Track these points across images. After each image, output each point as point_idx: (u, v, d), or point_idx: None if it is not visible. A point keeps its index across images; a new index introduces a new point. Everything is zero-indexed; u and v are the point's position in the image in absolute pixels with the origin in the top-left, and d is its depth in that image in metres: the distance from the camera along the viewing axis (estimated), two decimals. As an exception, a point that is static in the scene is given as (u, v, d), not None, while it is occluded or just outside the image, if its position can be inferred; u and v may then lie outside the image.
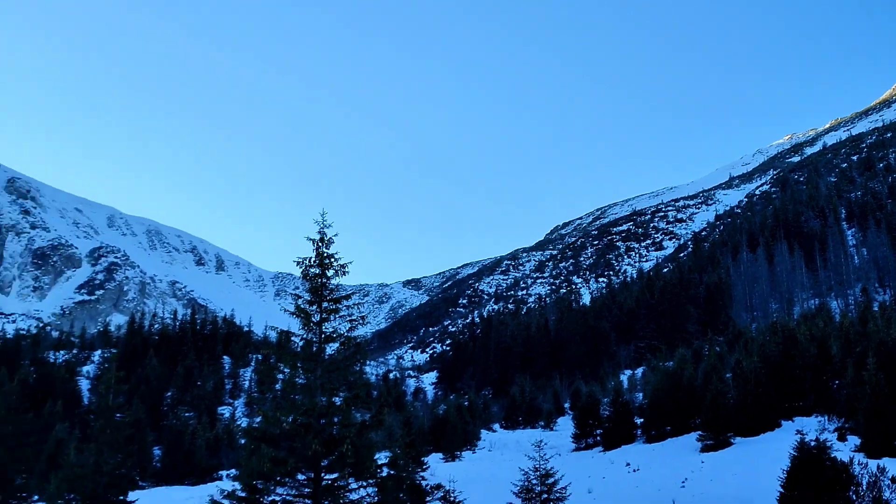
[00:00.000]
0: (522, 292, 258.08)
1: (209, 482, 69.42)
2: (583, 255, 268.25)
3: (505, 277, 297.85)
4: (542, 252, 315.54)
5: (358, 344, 25.66)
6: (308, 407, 23.85)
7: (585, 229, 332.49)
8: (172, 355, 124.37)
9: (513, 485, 23.08)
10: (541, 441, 25.17)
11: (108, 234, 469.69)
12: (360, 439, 23.66)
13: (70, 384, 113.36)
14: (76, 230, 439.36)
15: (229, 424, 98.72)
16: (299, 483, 23.63)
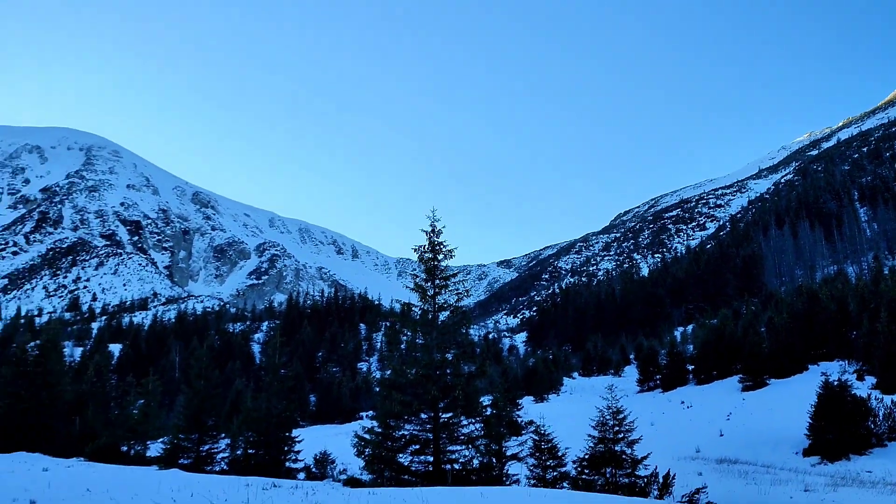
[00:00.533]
0: (593, 268, 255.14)
1: (353, 421, 70.56)
2: (641, 237, 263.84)
3: (578, 256, 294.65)
4: (608, 235, 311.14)
5: (464, 312, 25.75)
6: (427, 362, 24.07)
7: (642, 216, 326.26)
8: (321, 324, 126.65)
9: (590, 420, 22.87)
10: (611, 385, 24.87)
11: (270, 232, 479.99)
12: (469, 386, 23.78)
13: (245, 348, 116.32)
14: (245, 230, 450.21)
15: (366, 376, 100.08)
16: (422, 420, 23.88)
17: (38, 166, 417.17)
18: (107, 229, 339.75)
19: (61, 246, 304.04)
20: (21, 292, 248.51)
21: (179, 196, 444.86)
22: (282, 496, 17.66)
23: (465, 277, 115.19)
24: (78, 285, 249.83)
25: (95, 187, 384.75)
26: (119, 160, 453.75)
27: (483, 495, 15.71)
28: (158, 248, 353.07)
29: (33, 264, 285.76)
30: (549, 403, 67.68)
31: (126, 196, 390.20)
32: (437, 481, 22.05)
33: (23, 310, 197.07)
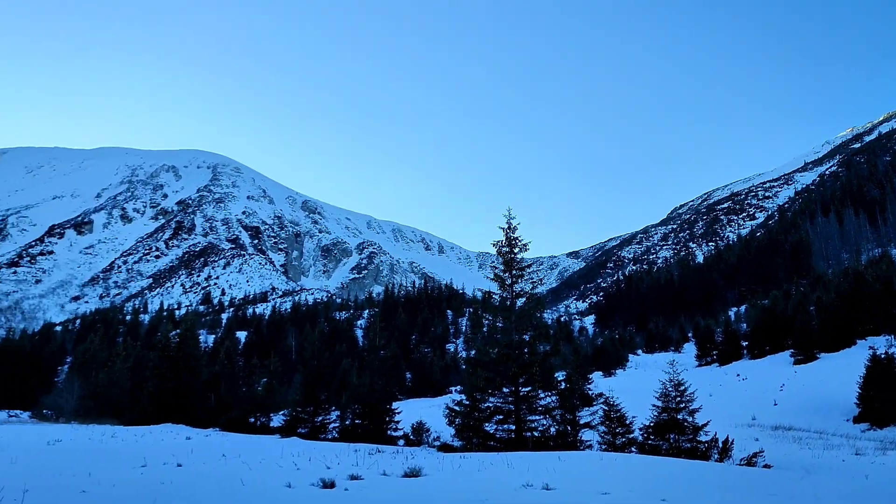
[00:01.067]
0: (652, 256, 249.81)
1: (443, 395, 71.01)
2: (696, 227, 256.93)
3: (639, 246, 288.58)
4: (665, 227, 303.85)
5: (538, 298, 25.59)
6: (507, 342, 24.04)
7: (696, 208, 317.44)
8: (414, 311, 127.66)
9: (654, 391, 22.44)
10: (672, 360, 24.33)
11: (368, 233, 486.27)
12: (544, 363, 23.65)
13: (350, 333, 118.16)
14: (347, 232, 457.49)
15: (454, 356, 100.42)
16: (504, 394, 23.86)
17: (174, 183, 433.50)
18: (232, 234, 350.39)
19: (194, 250, 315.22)
20: (163, 289, 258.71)
21: (291, 204, 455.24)
22: (385, 460, 17.91)
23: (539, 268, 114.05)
24: (209, 282, 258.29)
25: (221, 199, 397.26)
26: (240, 175, 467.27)
27: (561, 459, 15.61)
28: (275, 249, 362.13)
29: (172, 266, 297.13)
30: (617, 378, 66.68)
31: (247, 206, 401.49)
32: (519, 447, 22.02)
33: (165, 304, 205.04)
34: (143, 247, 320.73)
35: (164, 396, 43.91)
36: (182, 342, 46.37)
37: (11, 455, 17.66)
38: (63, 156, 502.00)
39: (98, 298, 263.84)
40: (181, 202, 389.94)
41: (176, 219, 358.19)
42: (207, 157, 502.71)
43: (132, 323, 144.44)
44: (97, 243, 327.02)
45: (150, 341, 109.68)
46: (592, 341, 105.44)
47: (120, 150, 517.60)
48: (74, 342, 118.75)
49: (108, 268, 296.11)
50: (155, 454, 18.87)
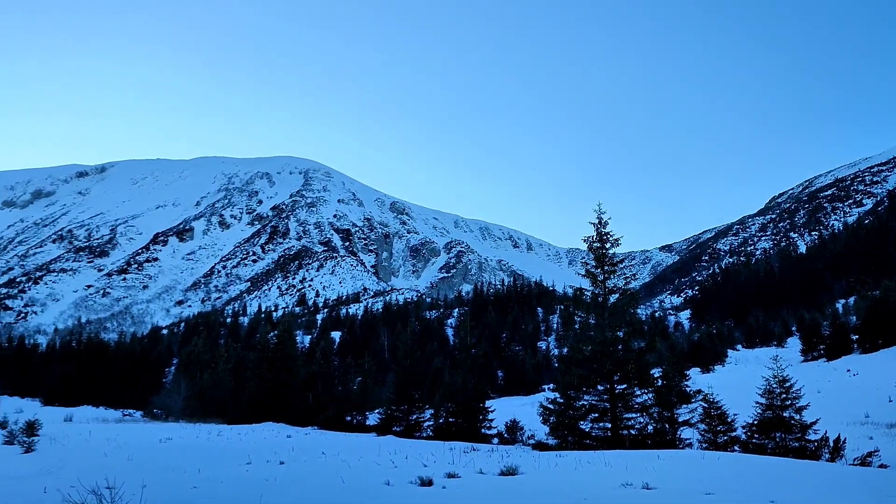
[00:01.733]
0: (750, 248, 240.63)
1: (536, 393, 70.53)
2: (797, 217, 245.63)
3: (736, 238, 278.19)
4: (763, 217, 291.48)
5: (631, 294, 25.12)
6: (600, 339, 23.68)
7: (797, 197, 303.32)
8: (504, 309, 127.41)
9: (756, 388, 21.61)
10: (776, 356, 23.37)
11: (455, 232, 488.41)
12: (640, 360, 23.18)
13: (440, 332, 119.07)
14: (435, 232, 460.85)
15: (545, 354, 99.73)
16: (599, 392, 23.52)
17: (268, 189, 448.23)
18: (324, 237, 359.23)
19: (289, 253, 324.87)
20: (260, 292, 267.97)
21: (380, 206, 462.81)
22: (481, 458, 17.96)
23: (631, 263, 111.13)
24: (304, 284, 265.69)
25: (313, 203, 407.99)
26: (330, 179, 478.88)
27: (660, 457, 15.26)
28: (365, 250, 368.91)
29: (268, 269, 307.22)
30: (715, 374, 64.64)
31: (337, 209, 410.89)
32: (616, 445, 21.66)
33: (262, 306, 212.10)
34: (240, 252, 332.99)
35: (264, 396, 45.39)
36: (280, 343, 47.80)
37: (128, 453, 18.67)
38: (164, 167, 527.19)
39: (200, 302, 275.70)
40: (275, 207, 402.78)
41: (271, 224, 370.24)
42: (299, 162, 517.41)
43: (232, 325, 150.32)
44: (198, 249, 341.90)
45: (249, 342, 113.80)
46: (688, 337, 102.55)
47: (217, 160, 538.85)
48: (180, 344, 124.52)
49: (209, 273, 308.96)
50: (258, 452, 19.56)
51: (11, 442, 21.11)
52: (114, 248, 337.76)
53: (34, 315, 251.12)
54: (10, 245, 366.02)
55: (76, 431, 27.11)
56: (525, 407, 46.90)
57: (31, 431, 21.46)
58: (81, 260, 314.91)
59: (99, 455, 18.10)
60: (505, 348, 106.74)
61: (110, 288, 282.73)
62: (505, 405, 51.43)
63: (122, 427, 32.65)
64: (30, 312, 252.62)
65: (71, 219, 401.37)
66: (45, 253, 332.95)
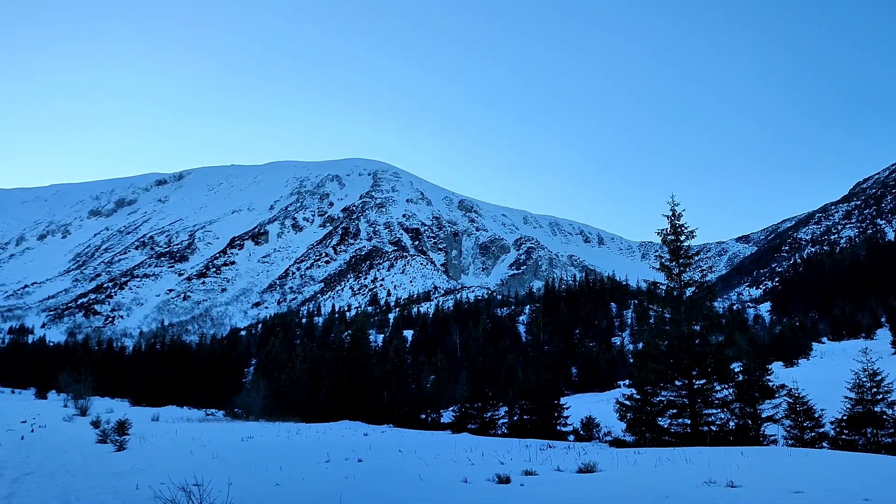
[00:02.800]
0: (834, 236, 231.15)
1: (611, 389, 69.56)
2: (884, 202, 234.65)
3: (818, 226, 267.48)
4: (847, 204, 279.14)
5: (708, 287, 24.52)
6: (677, 334, 23.21)
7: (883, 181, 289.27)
8: (576, 305, 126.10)
9: (845, 382, 20.79)
10: (865, 348, 22.43)
11: (525, 228, 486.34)
12: (718, 355, 22.60)
13: (512, 329, 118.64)
14: (504, 229, 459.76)
15: (620, 349, 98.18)
16: (677, 387, 23.06)
17: (338, 191, 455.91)
18: (393, 237, 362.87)
19: (360, 253, 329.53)
20: (333, 292, 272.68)
21: (448, 205, 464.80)
22: (558, 455, 17.84)
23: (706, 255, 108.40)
24: (375, 284, 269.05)
25: (382, 204, 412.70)
26: (399, 180, 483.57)
27: (743, 454, 14.84)
28: (435, 249, 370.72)
29: (340, 270, 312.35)
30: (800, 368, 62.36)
31: (406, 209, 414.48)
32: (696, 442, 21.19)
33: (336, 306, 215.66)
34: (313, 253, 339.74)
35: (340, 395, 46.20)
36: (354, 342, 48.55)
37: (212, 451, 19.30)
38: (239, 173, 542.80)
39: (276, 303, 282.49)
40: (346, 209, 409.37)
41: (342, 225, 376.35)
42: (368, 164, 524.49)
43: (308, 325, 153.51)
44: (272, 252, 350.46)
45: (324, 342, 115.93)
46: (769, 330, 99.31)
47: (288, 164, 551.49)
48: (258, 345, 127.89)
49: (284, 275, 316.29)
50: (336, 450, 19.91)
51: (105, 441, 22.09)
52: (192, 252, 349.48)
53: (121, 319, 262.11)
54: (97, 252, 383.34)
55: (163, 430, 28.18)
56: (600, 403, 46.35)
57: (122, 430, 22.41)
58: (163, 265, 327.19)
59: (185, 453, 18.77)
60: (578, 344, 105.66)
61: (190, 291, 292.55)
62: (579, 402, 50.91)
63: (206, 426, 33.76)
64: (116, 317, 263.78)
65: (152, 225, 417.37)
66: (129, 259, 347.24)
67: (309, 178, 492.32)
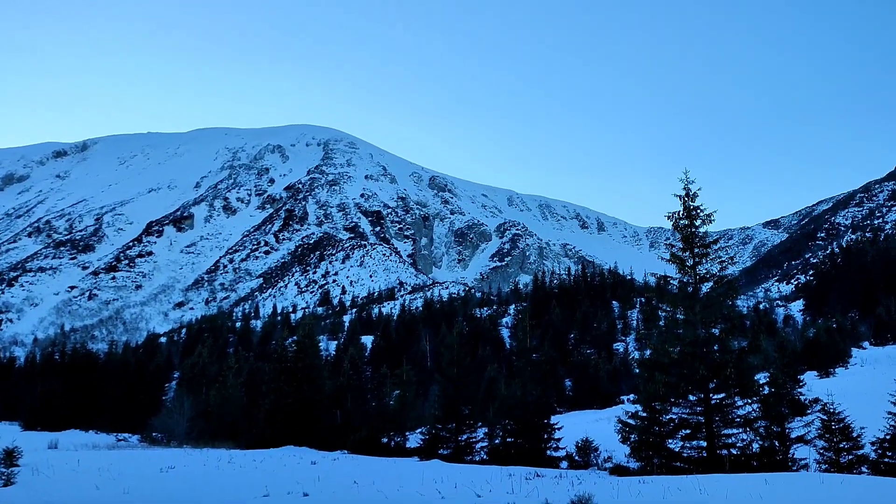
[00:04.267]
0: (878, 220, 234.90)
1: (612, 406, 70.14)
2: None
3: (859, 209, 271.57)
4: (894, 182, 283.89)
5: (728, 281, 24.81)
6: (691, 339, 23.50)
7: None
8: (570, 304, 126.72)
9: (889, 395, 21.19)
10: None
11: (509, 211, 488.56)
12: (740, 363, 22.92)
13: (494, 333, 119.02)
14: (484, 211, 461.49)
15: (623, 357, 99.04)
16: (691, 403, 23.37)
17: (281, 165, 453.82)
18: (349, 222, 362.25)
19: (308, 242, 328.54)
20: (275, 290, 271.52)
21: (416, 182, 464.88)
22: (546, 486, 18.01)
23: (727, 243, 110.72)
24: (327, 279, 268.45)
25: (335, 181, 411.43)
26: (355, 151, 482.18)
27: (767, 482, 15.10)
28: (400, 236, 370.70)
29: (284, 262, 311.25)
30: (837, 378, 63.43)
31: (365, 187, 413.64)
32: (713, 468, 21.49)
33: (278, 307, 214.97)
34: (250, 242, 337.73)
35: (283, 415, 46.06)
36: (300, 351, 48.37)
37: (124, 485, 19.18)
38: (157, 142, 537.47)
39: (204, 304, 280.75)
40: (290, 187, 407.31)
41: (285, 207, 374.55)
42: (317, 132, 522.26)
43: (243, 330, 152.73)
44: (199, 240, 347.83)
45: (264, 351, 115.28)
46: (802, 333, 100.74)
47: (218, 132, 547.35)
48: (181, 355, 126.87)
49: (213, 268, 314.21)
50: (278, 482, 19.91)
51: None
52: (100, 241, 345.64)
53: (10, 323, 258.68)
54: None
55: (63, 460, 27.92)
56: (599, 423, 46.70)
57: (10, 461, 22.13)
58: (63, 256, 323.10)
59: (89, 488, 18.64)
60: (573, 351, 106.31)
61: (97, 289, 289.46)
62: (575, 421, 51.28)
63: (117, 454, 33.50)
64: (4, 320, 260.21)
65: (49, 207, 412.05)
66: (20, 249, 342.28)
67: (244, 148, 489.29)
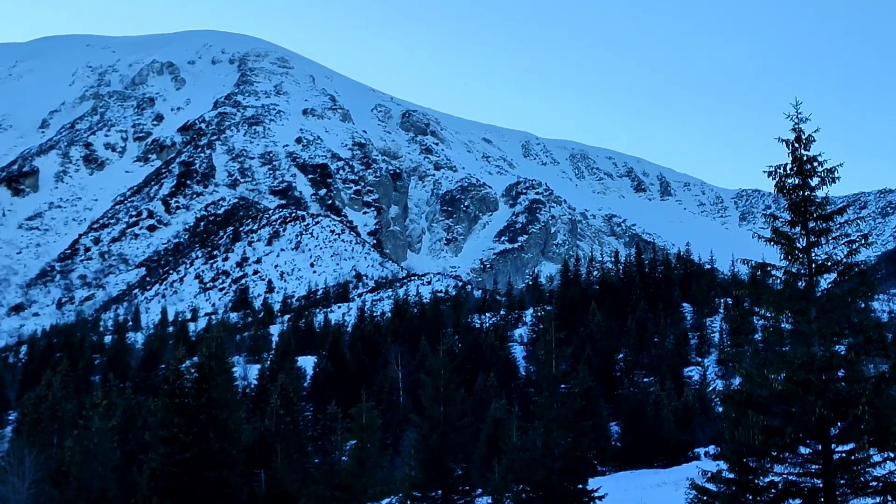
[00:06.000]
0: None
1: (683, 463, 70.42)
2: None
3: None
4: None
5: (861, 272, 24.69)
6: (803, 360, 23.42)
7: None
8: (619, 307, 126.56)
9: None
10: None
11: (525, 165, 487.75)
12: (879, 397, 22.93)
13: (501, 352, 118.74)
14: (487, 165, 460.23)
15: (699, 389, 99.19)
16: (803, 458, 23.37)
17: (173, 93, 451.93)
18: (279, 181, 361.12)
19: (216, 212, 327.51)
20: (164, 286, 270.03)
21: (383, 120, 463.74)
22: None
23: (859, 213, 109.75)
24: (245, 270, 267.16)
25: (257, 118, 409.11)
26: (288, 72, 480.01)
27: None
28: (357, 203, 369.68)
29: (178, 243, 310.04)
30: None
31: (303, 126, 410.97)
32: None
33: (170, 312, 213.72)
34: (125, 212, 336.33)
35: (177, 478, 45.93)
36: (203, 379, 48.17)
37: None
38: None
39: (55, 307, 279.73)
40: (188, 128, 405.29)
41: (181, 159, 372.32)
42: (228, 42, 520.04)
43: (116, 348, 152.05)
44: (47, 209, 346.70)
45: (147, 379, 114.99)
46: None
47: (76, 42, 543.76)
48: (20, 385, 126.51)
49: (69, 252, 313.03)
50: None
51: None
52: None
53: None
54: None
55: None
56: (664, 488, 46.82)
57: None
58: None
59: None
60: (622, 380, 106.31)
61: None
62: (626, 485, 51.42)
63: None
64: None
65: None
66: None
67: (116, 67, 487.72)
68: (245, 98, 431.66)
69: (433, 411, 36.31)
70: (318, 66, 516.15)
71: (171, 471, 46.22)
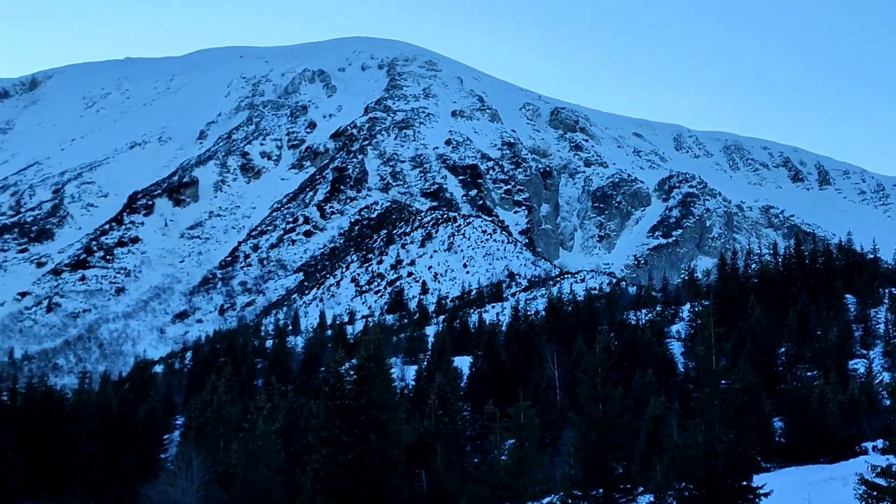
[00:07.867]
0: None
1: (850, 458, 68.83)
2: None
3: None
4: None
5: None
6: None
7: None
8: (779, 300, 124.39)
9: None
10: None
11: (677, 158, 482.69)
12: None
13: (659, 349, 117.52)
14: (637, 160, 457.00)
15: (866, 382, 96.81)
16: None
17: (325, 100, 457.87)
18: (430, 183, 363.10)
19: (369, 216, 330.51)
20: (322, 290, 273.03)
21: (531, 118, 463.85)
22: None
23: None
24: (399, 272, 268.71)
25: (407, 122, 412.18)
26: (436, 75, 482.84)
27: None
28: (507, 203, 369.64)
29: (334, 247, 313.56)
30: None
31: (452, 128, 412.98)
32: None
33: (328, 316, 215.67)
34: (282, 218, 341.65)
35: (342, 476, 46.33)
36: (362, 381, 48.54)
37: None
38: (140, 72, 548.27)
39: (217, 313, 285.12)
40: (340, 134, 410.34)
41: (334, 164, 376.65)
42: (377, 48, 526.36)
43: (277, 352, 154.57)
44: (208, 218, 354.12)
45: (308, 382, 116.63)
46: None
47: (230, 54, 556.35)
48: (186, 390, 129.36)
49: (230, 260, 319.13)
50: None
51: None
52: (61, 224, 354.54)
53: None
54: None
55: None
56: (830, 484, 45.80)
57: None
58: (7, 248, 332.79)
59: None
60: (785, 375, 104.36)
61: (60, 295, 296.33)
62: (791, 482, 50.40)
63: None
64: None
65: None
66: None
67: (269, 77, 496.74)
68: (395, 102, 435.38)
69: (591, 409, 36.03)
70: (465, 67, 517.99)
71: (333, 472, 46.71)
